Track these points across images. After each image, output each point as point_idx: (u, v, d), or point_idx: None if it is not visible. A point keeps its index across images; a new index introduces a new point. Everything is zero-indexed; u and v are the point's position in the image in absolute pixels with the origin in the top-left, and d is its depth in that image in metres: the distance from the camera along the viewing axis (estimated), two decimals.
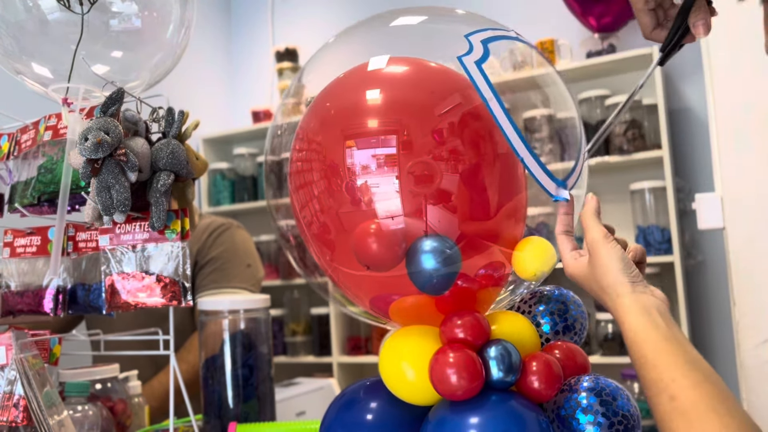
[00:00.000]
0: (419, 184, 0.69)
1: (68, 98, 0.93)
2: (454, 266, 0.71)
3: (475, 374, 0.67)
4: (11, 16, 0.90)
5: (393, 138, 0.70)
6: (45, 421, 0.85)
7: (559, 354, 0.76)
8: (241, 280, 1.62)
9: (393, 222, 0.69)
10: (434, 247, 0.69)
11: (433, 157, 0.69)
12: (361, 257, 0.71)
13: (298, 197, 0.77)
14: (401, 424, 0.74)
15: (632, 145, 2.43)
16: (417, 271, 0.70)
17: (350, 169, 0.70)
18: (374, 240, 0.70)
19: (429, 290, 0.72)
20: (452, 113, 0.71)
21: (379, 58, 0.78)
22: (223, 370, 1.12)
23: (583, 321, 0.84)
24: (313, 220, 0.75)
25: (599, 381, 0.72)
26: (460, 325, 0.70)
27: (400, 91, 0.74)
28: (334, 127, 0.74)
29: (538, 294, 0.84)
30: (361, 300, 0.80)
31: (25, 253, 0.99)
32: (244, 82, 3.55)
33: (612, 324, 2.41)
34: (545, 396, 0.71)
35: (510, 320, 0.76)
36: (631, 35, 2.65)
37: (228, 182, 3.21)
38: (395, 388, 0.73)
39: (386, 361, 0.73)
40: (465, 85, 0.73)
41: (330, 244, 0.75)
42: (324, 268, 0.80)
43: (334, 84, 0.79)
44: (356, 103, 0.74)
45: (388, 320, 0.80)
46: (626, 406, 0.70)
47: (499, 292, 0.79)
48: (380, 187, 0.69)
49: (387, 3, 3.28)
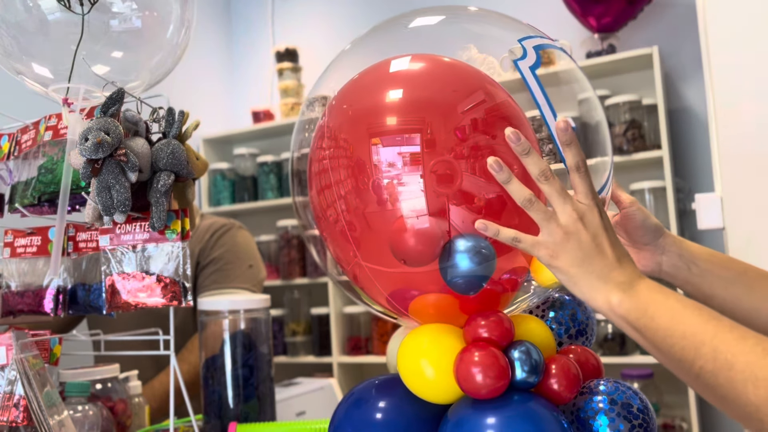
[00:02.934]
0: (442, 183, 0.69)
1: (68, 98, 0.93)
2: (488, 268, 0.71)
3: (501, 374, 0.67)
4: (11, 16, 0.90)
5: (417, 136, 0.70)
6: (45, 421, 0.85)
7: (574, 357, 0.76)
8: (243, 280, 1.63)
9: (418, 221, 0.69)
10: (470, 247, 0.69)
11: (456, 156, 0.69)
12: (398, 251, 0.71)
13: (323, 195, 0.76)
14: (412, 423, 0.73)
15: (632, 146, 2.43)
16: (451, 269, 0.70)
17: (377, 166, 0.70)
18: (413, 235, 0.70)
19: (459, 289, 0.72)
20: (475, 110, 0.72)
21: (401, 57, 0.78)
22: (223, 370, 1.12)
23: (593, 325, 0.85)
24: (339, 217, 0.75)
25: (618, 384, 0.72)
26: (484, 325, 0.70)
27: (422, 89, 0.74)
28: (360, 124, 0.74)
29: (551, 299, 0.85)
30: (379, 296, 0.80)
31: (25, 253, 0.99)
32: (244, 82, 3.55)
33: (612, 324, 2.41)
34: (565, 398, 0.71)
35: (527, 323, 0.76)
36: (631, 35, 2.66)
37: (228, 182, 3.21)
38: (414, 386, 0.72)
39: (406, 359, 0.73)
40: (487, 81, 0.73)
41: (355, 240, 0.75)
42: (344, 264, 0.80)
43: (355, 82, 0.79)
44: (379, 102, 0.74)
45: (404, 316, 0.80)
46: (645, 409, 0.70)
47: (514, 296, 0.79)
48: (407, 186, 0.69)
49: (387, 3, 3.25)
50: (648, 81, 2.48)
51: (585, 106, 0.85)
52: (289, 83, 3.17)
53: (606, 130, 0.82)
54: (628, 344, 2.43)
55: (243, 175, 3.19)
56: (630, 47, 2.59)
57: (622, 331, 2.59)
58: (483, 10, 0.85)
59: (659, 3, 2.63)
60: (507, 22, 0.83)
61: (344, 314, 2.89)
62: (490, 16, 0.84)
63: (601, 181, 0.78)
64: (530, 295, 0.80)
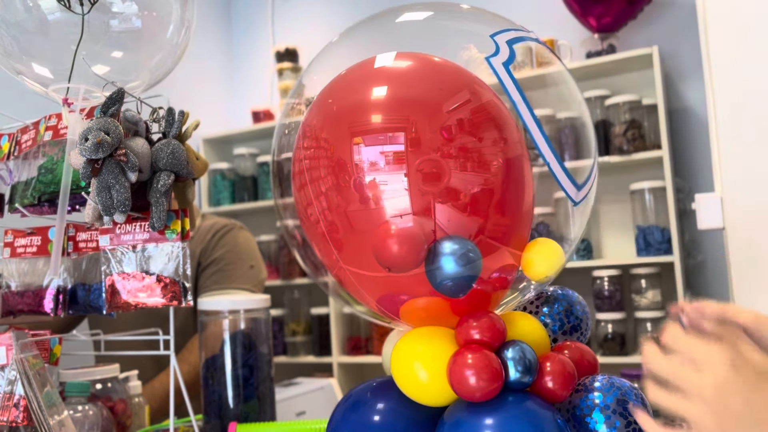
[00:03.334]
0: (427, 182, 0.68)
1: (68, 98, 0.93)
2: (475, 269, 0.70)
3: (494, 376, 0.67)
4: (11, 16, 0.90)
5: (401, 135, 0.69)
6: (45, 421, 0.85)
7: (569, 354, 0.76)
8: (244, 281, 1.62)
9: (402, 221, 0.69)
10: (455, 250, 0.68)
11: (442, 155, 0.68)
12: (382, 259, 0.70)
13: (303, 195, 0.76)
14: (409, 425, 0.73)
15: (632, 145, 2.43)
16: (438, 273, 0.69)
17: (358, 165, 0.69)
18: (396, 242, 0.69)
19: (448, 292, 0.71)
20: (460, 109, 0.71)
21: (385, 54, 0.77)
22: (223, 370, 1.12)
23: (587, 321, 0.85)
24: (319, 218, 0.74)
25: (614, 381, 0.72)
26: (476, 326, 0.70)
27: (408, 87, 0.73)
28: (341, 123, 0.73)
29: (544, 294, 0.84)
30: (367, 299, 0.79)
31: (25, 253, 0.99)
32: (244, 82, 3.55)
33: (612, 324, 2.42)
34: (560, 396, 0.71)
35: (520, 321, 0.76)
36: (631, 35, 2.66)
37: (228, 182, 3.21)
38: (408, 389, 0.72)
39: (399, 363, 0.72)
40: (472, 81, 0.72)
41: (337, 242, 0.74)
42: (329, 267, 0.79)
43: (338, 80, 0.79)
44: (362, 100, 0.73)
45: (395, 320, 0.80)
46: (642, 406, 0.70)
47: (506, 294, 0.79)
48: (389, 185, 0.68)
49: (387, 3, 3.26)
50: (648, 81, 2.48)
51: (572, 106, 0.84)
52: (289, 83, 3.17)
53: (590, 131, 0.82)
54: (628, 344, 2.43)
55: (243, 175, 3.18)
56: (630, 47, 2.59)
57: (622, 331, 2.59)
58: (474, 8, 0.84)
59: (659, 3, 2.63)
60: (487, 18, 0.82)
61: (344, 314, 2.89)
62: (473, 13, 0.83)
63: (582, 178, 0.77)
64: (522, 292, 0.80)
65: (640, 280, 2.44)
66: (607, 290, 2.46)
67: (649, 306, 2.40)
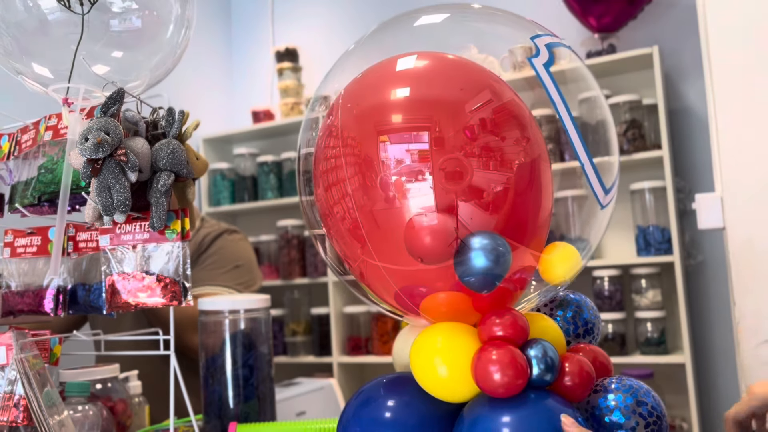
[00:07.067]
0: (450, 181, 0.69)
1: (68, 98, 0.93)
2: (505, 265, 0.70)
3: (520, 372, 0.67)
4: (11, 16, 0.90)
5: (425, 134, 0.70)
6: (45, 421, 0.85)
7: (584, 356, 0.76)
8: (225, 279, 1.62)
9: (427, 218, 0.69)
10: (485, 245, 0.68)
11: (465, 154, 0.69)
12: (414, 250, 0.70)
13: (330, 192, 0.76)
14: (423, 421, 0.73)
15: (632, 145, 2.43)
16: (467, 267, 0.69)
17: (384, 163, 0.70)
18: (429, 233, 0.69)
19: (475, 287, 0.71)
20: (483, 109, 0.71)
21: (406, 55, 0.78)
22: (223, 370, 1.12)
23: (598, 324, 0.85)
24: (346, 215, 0.74)
25: (631, 382, 0.72)
26: (500, 323, 0.70)
27: (430, 88, 0.74)
28: (367, 122, 0.74)
29: (558, 298, 0.85)
30: (386, 294, 0.79)
31: (25, 253, 0.99)
32: (244, 82, 3.55)
33: (612, 324, 2.42)
34: (579, 396, 0.71)
35: (539, 321, 0.76)
36: (631, 35, 2.66)
37: (228, 182, 3.21)
38: (427, 384, 0.72)
39: (419, 357, 0.72)
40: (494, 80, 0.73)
41: (360, 238, 0.74)
42: (350, 262, 0.80)
43: (360, 80, 0.79)
44: (387, 100, 0.74)
45: (412, 315, 0.80)
46: (659, 406, 0.70)
47: (522, 295, 0.79)
48: (415, 183, 0.69)
49: (387, 3, 3.25)
50: (648, 81, 2.48)
51: (589, 104, 0.85)
52: (289, 83, 3.17)
53: (612, 129, 0.82)
54: (628, 344, 2.44)
55: (243, 175, 3.19)
56: (630, 47, 2.59)
57: (622, 331, 2.59)
58: (487, 8, 0.85)
59: (659, 3, 2.63)
60: (513, 20, 0.83)
61: (344, 314, 2.89)
62: (496, 15, 0.84)
63: (609, 181, 0.77)
64: (537, 294, 0.80)
65: (640, 280, 2.44)
66: (607, 290, 2.46)
67: (649, 306, 2.40)
